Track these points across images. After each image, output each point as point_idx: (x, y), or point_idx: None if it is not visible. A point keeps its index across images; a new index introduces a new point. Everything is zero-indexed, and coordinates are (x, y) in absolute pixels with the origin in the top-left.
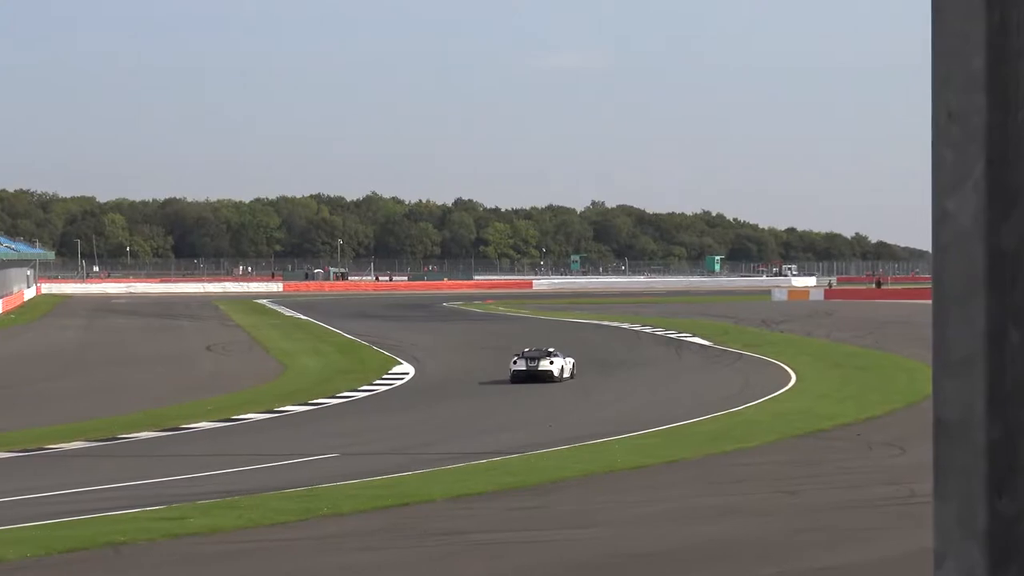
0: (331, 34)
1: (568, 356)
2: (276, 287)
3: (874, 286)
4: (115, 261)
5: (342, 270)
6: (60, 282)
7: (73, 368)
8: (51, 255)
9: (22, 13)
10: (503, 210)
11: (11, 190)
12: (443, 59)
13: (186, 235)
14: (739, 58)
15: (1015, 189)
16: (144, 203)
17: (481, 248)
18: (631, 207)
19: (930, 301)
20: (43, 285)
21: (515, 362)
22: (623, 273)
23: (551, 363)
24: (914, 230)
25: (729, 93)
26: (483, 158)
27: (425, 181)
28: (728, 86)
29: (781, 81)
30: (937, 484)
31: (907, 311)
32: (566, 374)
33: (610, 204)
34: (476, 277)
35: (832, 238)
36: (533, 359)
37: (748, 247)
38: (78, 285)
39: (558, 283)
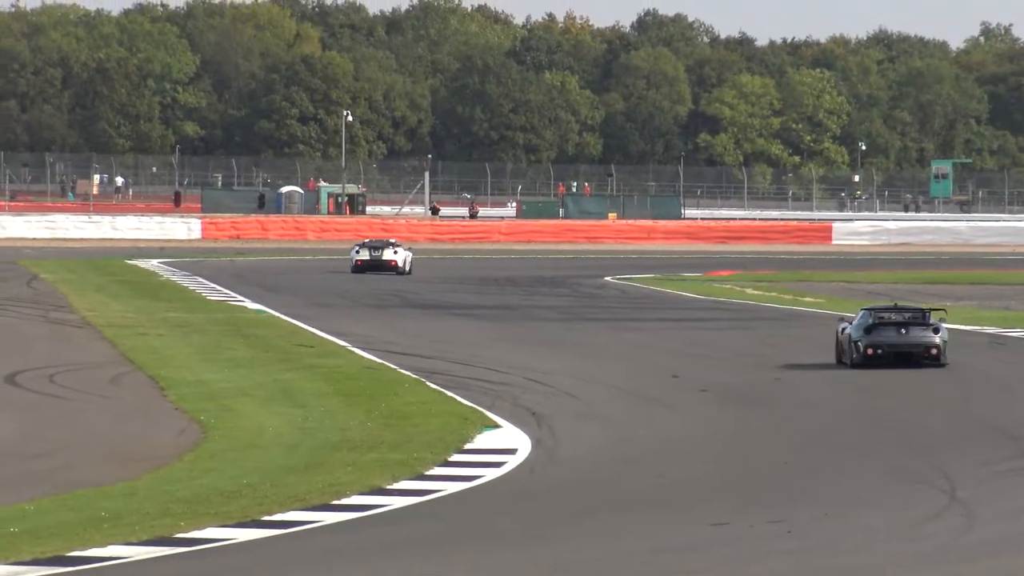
0: None
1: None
2: (185, 226)
3: None
4: None
5: (352, 189)
6: None
7: None
8: None
9: None
10: (757, 44)
11: None
12: None
13: None
14: None
15: None
16: None
17: (701, 138)
18: None
19: None
20: None
21: (357, 251)
22: None
23: (395, 252)
24: None
25: None
26: None
27: None
28: None
29: None
30: None
31: None
32: (408, 268)
33: None
34: (687, 213)
35: None
36: (377, 248)
37: None
38: None
39: (897, 229)
